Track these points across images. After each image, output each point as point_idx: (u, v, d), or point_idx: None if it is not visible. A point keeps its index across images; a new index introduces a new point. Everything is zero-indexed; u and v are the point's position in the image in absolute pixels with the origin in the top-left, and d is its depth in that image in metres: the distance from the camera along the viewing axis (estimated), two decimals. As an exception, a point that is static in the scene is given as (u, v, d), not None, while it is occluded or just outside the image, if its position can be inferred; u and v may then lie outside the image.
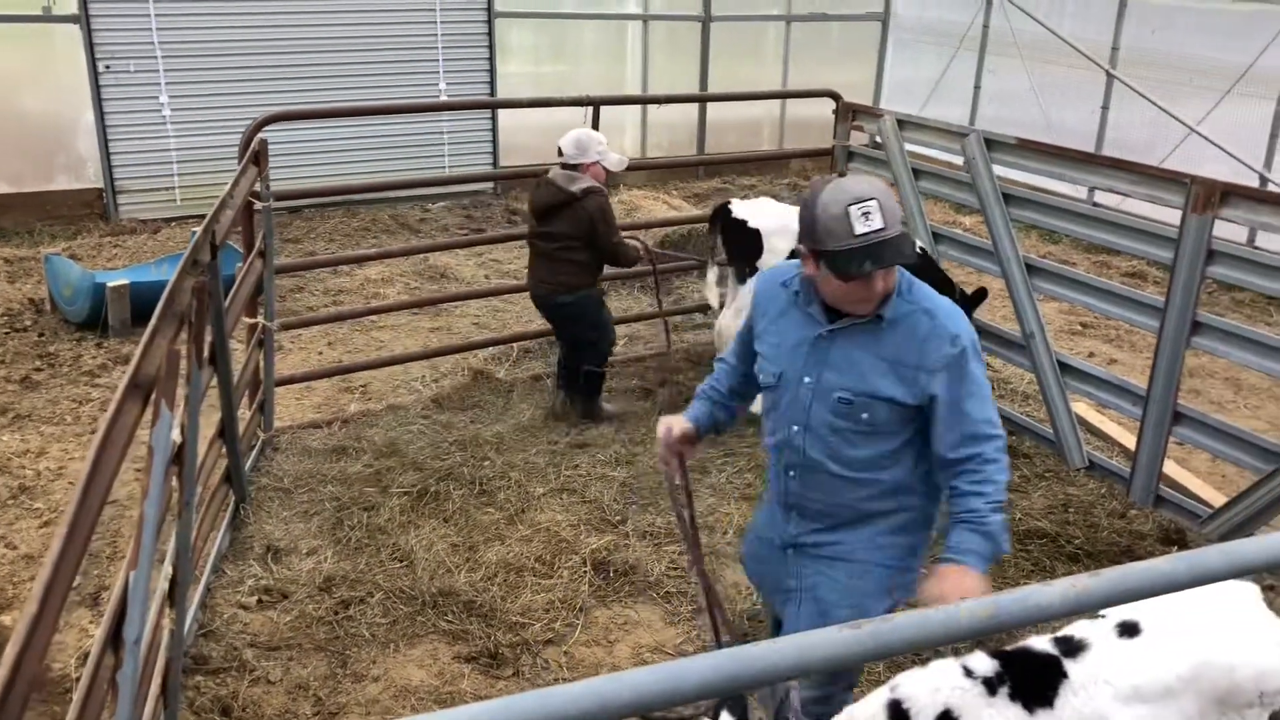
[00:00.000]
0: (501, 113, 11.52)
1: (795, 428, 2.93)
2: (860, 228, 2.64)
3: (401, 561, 4.75)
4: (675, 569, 4.80)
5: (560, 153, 5.88)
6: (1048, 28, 10.96)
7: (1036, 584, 1.56)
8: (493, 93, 11.41)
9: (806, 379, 2.89)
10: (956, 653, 2.86)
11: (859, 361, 2.83)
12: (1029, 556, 4.93)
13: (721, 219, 6.29)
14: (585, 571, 4.73)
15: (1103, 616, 2.81)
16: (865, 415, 2.83)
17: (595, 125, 6.63)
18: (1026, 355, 5.96)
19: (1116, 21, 10.89)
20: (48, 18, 9.59)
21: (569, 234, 5.79)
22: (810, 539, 3.03)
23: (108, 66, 9.79)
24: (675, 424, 3.20)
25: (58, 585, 1.78)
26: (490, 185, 11.60)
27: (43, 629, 1.68)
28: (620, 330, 6.75)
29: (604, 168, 5.87)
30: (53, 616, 1.75)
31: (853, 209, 2.64)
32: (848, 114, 7.07)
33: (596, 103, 6.61)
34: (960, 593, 2.56)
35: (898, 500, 2.96)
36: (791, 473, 2.98)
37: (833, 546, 3.00)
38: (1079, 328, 8.20)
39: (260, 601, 4.47)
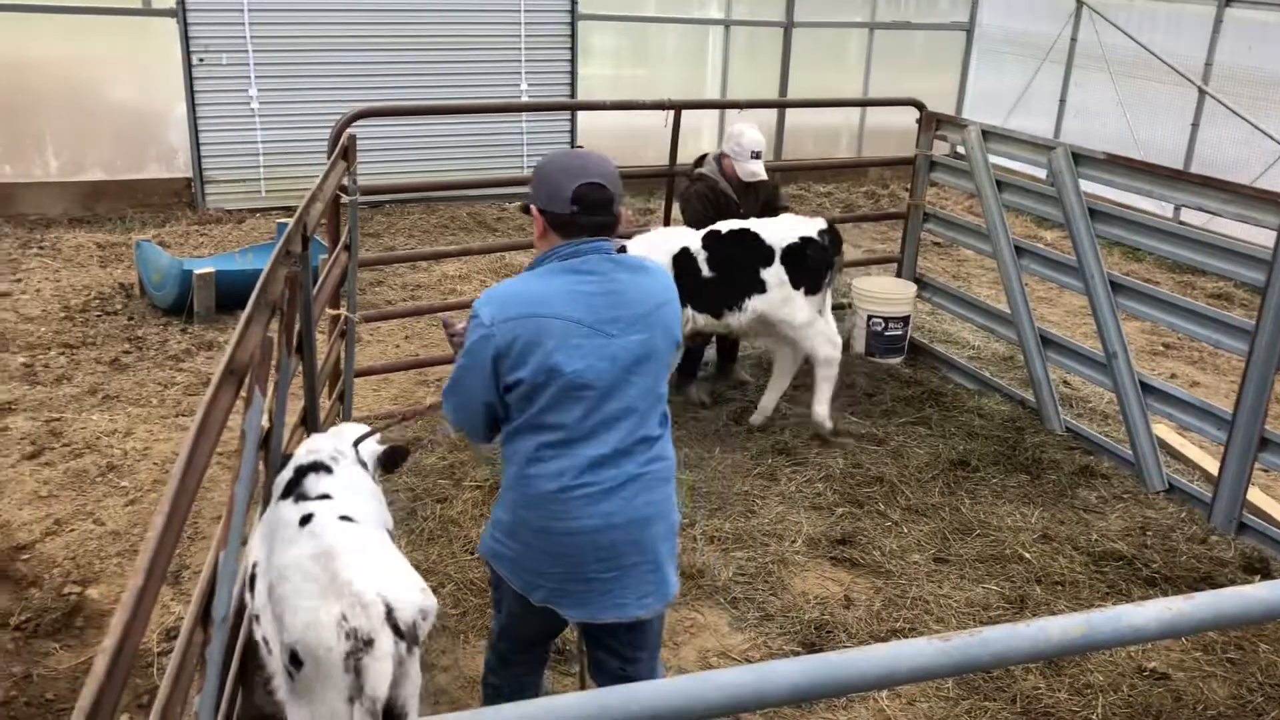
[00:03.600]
0: (581, 114, 11.61)
1: None
2: None
3: (473, 554, 4.81)
4: (743, 575, 4.80)
5: None
6: (1139, 42, 10.76)
7: (1130, 604, 1.55)
8: (573, 94, 11.50)
9: None
10: None
11: None
12: (1104, 579, 4.84)
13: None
14: (653, 573, 4.73)
15: None
16: None
17: (676, 130, 6.67)
18: (1108, 374, 5.86)
19: (1211, 37, 10.64)
20: (147, 11, 9.88)
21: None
22: None
23: (201, 60, 10.05)
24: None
25: (159, 561, 1.84)
26: (567, 186, 11.64)
27: (145, 601, 1.74)
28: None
29: (734, 165, 6.24)
30: (153, 590, 1.81)
31: None
32: (931, 123, 7.01)
33: (678, 106, 6.62)
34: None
35: None
36: None
37: None
38: (1161, 348, 8.03)
39: (334, 587, 4.54)
